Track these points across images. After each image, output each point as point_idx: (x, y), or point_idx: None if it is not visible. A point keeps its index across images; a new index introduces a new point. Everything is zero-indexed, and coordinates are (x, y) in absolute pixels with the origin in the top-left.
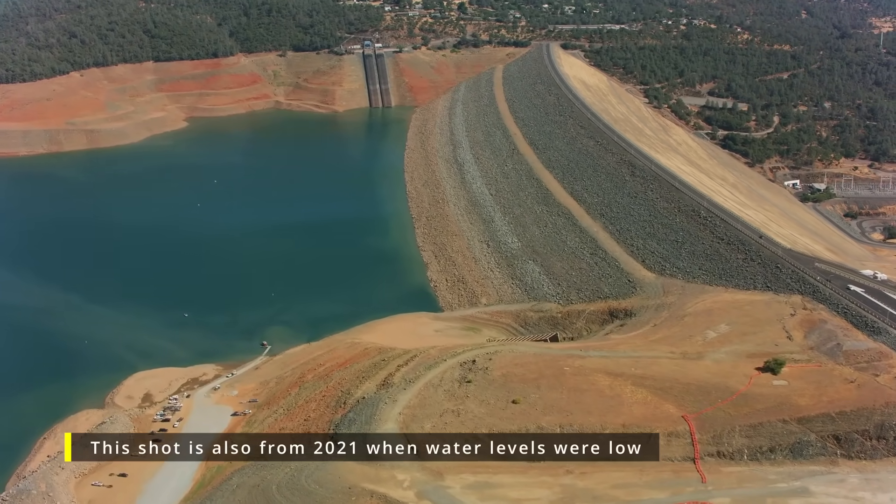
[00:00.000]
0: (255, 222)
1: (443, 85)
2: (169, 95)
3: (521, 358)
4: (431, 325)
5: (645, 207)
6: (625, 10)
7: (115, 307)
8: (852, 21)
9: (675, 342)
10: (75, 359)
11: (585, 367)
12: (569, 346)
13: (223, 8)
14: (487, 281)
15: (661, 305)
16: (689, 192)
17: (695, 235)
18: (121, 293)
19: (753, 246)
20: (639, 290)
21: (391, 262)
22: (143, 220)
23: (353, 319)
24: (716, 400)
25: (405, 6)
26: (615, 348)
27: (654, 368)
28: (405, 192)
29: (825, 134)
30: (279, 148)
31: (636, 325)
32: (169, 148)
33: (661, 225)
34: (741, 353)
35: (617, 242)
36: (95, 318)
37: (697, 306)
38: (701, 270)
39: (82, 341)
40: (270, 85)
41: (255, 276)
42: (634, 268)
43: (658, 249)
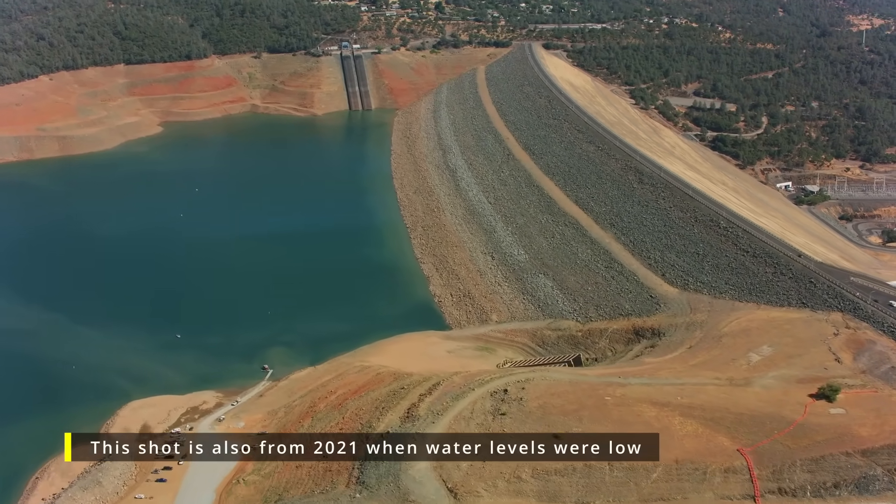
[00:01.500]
0: (242, 233)
1: (423, 87)
2: (142, 99)
3: (556, 387)
4: (443, 346)
5: (658, 217)
6: (603, 8)
7: (102, 328)
8: (830, 19)
9: (718, 367)
10: (63, 386)
11: (628, 397)
12: (605, 371)
13: (194, 8)
14: (496, 296)
15: (691, 324)
16: (704, 201)
17: (717, 247)
18: (106, 312)
19: (782, 259)
20: (663, 307)
21: (390, 276)
22: (124, 232)
23: (356, 339)
24: (771, 431)
25: (382, 6)
26: (656, 374)
27: (701, 397)
28: (396, 199)
29: (814, 134)
30: (260, 154)
31: (669, 347)
32: (145, 155)
33: (678, 236)
34: (790, 378)
35: (632, 254)
36: (81, 339)
37: (733, 325)
38: (728, 285)
39: (69, 366)
40: (246, 88)
41: (247, 292)
42: (655, 282)
43: (678, 262)
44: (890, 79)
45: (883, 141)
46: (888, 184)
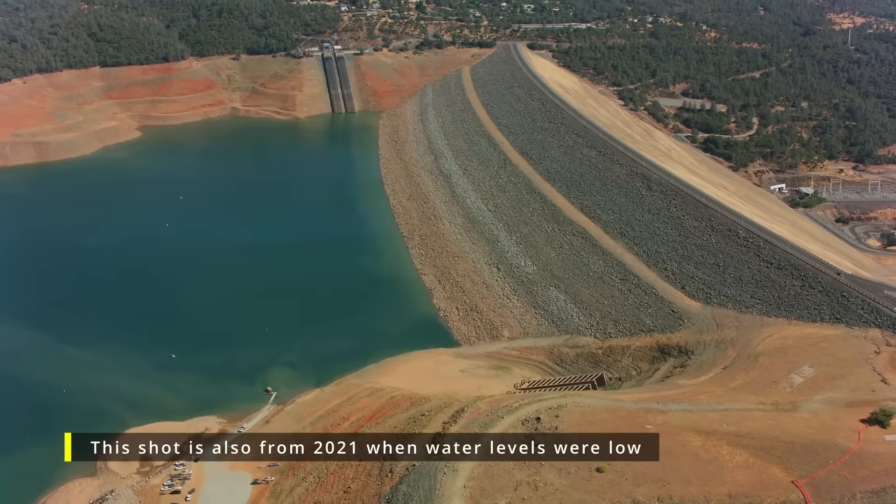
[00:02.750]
0: (232, 243)
1: (407, 88)
2: (119, 103)
3: (592, 414)
4: (455, 365)
5: (671, 226)
6: (585, 7)
7: (91, 347)
8: (811, 17)
9: (760, 390)
10: (54, 413)
11: (671, 425)
12: (641, 396)
13: (170, 9)
14: (506, 310)
15: (721, 342)
16: (719, 209)
17: (738, 259)
18: (94, 330)
19: (810, 271)
20: (687, 323)
21: (390, 288)
22: (109, 243)
23: (362, 357)
24: (826, 461)
25: (362, 6)
26: (696, 399)
27: (747, 424)
28: (389, 206)
29: (806, 135)
30: (243, 159)
31: (702, 367)
32: (125, 161)
33: (694, 246)
34: (838, 401)
35: (647, 266)
36: (70, 361)
37: (767, 343)
38: (754, 299)
39: (59, 391)
40: (225, 90)
41: (242, 306)
42: (675, 296)
43: (698, 275)
44: (877, 78)
45: (875, 141)
46: (883, 185)
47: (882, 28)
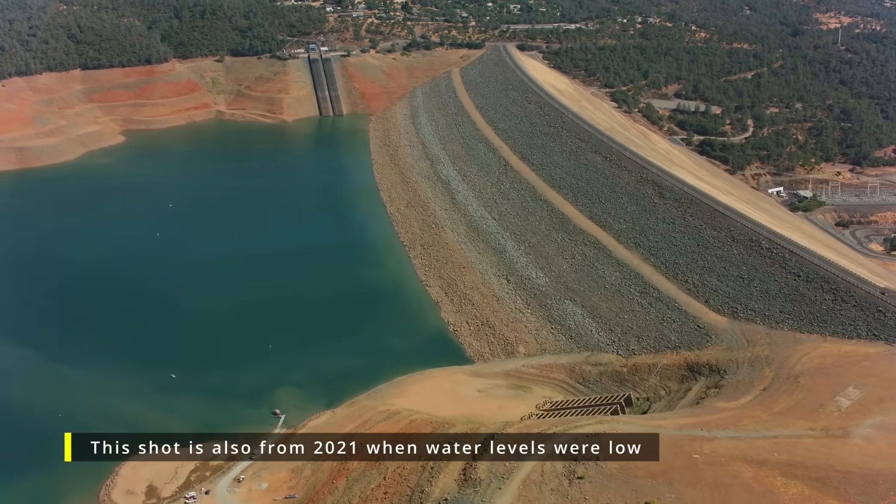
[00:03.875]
0: (226, 254)
1: (396, 91)
2: (101, 106)
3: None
4: (471, 384)
5: (688, 236)
6: (571, 7)
7: (84, 366)
8: (798, 17)
9: (807, 414)
10: (49, 439)
11: (719, 454)
12: (683, 421)
13: (151, 10)
14: (520, 325)
15: (754, 360)
16: (738, 218)
17: (763, 271)
18: (86, 347)
19: (841, 284)
20: (715, 339)
21: (395, 301)
22: (97, 254)
23: (371, 376)
24: (887, 492)
25: (348, 6)
26: (741, 425)
27: (799, 452)
28: (387, 213)
29: (801, 137)
30: (232, 164)
31: (739, 388)
32: (109, 167)
33: (715, 257)
34: (891, 426)
35: (666, 278)
36: (63, 381)
37: (805, 363)
38: (783, 314)
39: (55, 415)
40: (210, 93)
41: (241, 321)
42: (699, 310)
43: (721, 287)
44: (869, 78)
45: (871, 143)
46: (882, 188)
47: (869, 28)
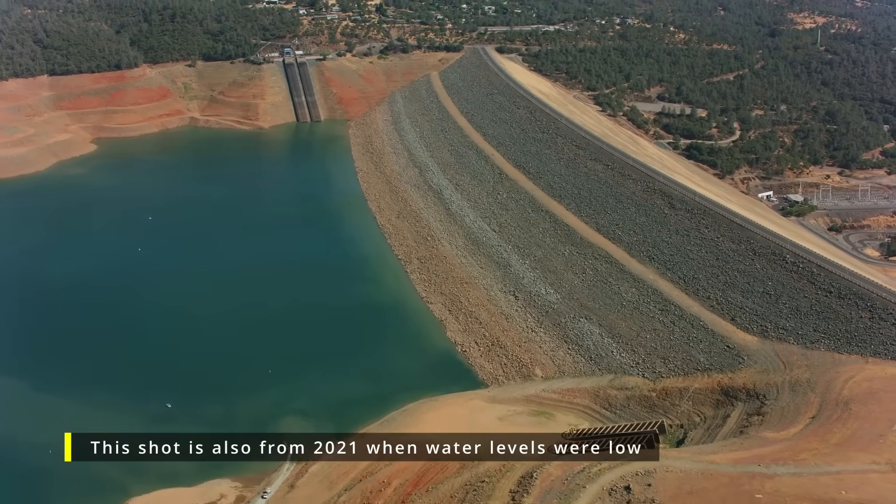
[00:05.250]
0: (214, 270)
1: (374, 95)
2: (70, 114)
3: (689, 481)
4: (490, 411)
5: (706, 249)
6: (546, 9)
7: (72, 396)
8: (773, 17)
9: (866, 445)
10: (41, 477)
11: (782, 493)
12: (737, 456)
13: (119, 14)
14: (533, 345)
15: (795, 384)
16: (758, 230)
17: (791, 287)
18: (74, 376)
19: (877, 301)
20: (747, 360)
21: (396, 319)
22: (77, 272)
23: (381, 402)
24: None
25: (321, 9)
26: (799, 459)
27: (867, 489)
28: (377, 225)
29: (788, 140)
30: (209, 173)
31: (785, 416)
32: (82, 177)
33: (737, 272)
34: None
35: (686, 294)
36: (50, 413)
37: (852, 387)
38: (818, 333)
39: (43, 450)
40: (182, 99)
41: (236, 344)
42: (726, 329)
43: (747, 304)
44: (851, 79)
45: (858, 145)
46: (872, 191)
47: (844, 28)
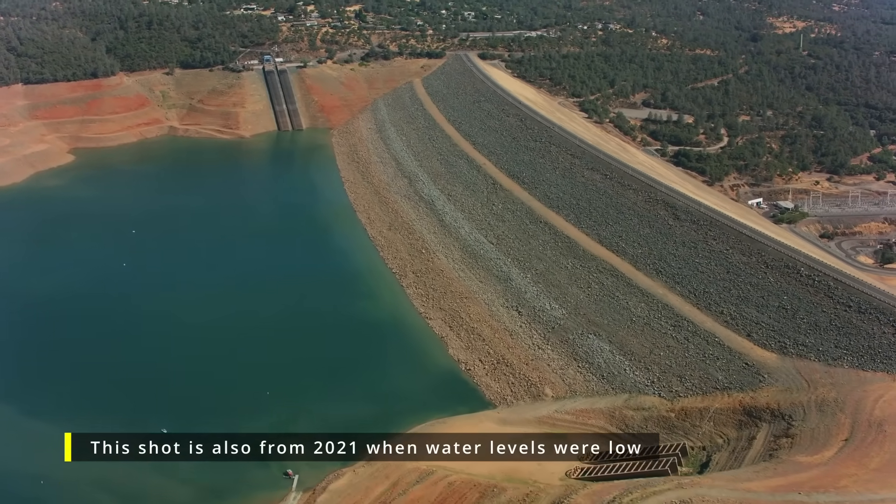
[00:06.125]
0: (202, 285)
1: (356, 103)
2: (46, 123)
3: None
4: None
5: (715, 262)
6: (527, 14)
7: (63, 422)
8: (752, 22)
9: None
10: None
11: None
12: (774, 483)
13: (94, 21)
14: (541, 363)
15: (822, 404)
16: (769, 242)
17: (807, 301)
18: (63, 400)
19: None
20: (768, 379)
21: (394, 336)
22: (61, 288)
23: (387, 424)
24: None
25: (300, 15)
26: (840, 486)
27: None
28: (368, 237)
29: (776, 146)
30: (192, 184)
31: (816, 438)
32: (61, 189)
33: (750, 286)
34: None
35: (698, 309)
36: (41, 441)
37: (884, 407)
38: (840, 349)
39: (35, 481)
40: (161, 108)
41: (231, 364)
42: (743, 345)
43: (763, 320)
44: (836, 84)
45: (846, 151)
46: (862, 197)
47: (824, 32)
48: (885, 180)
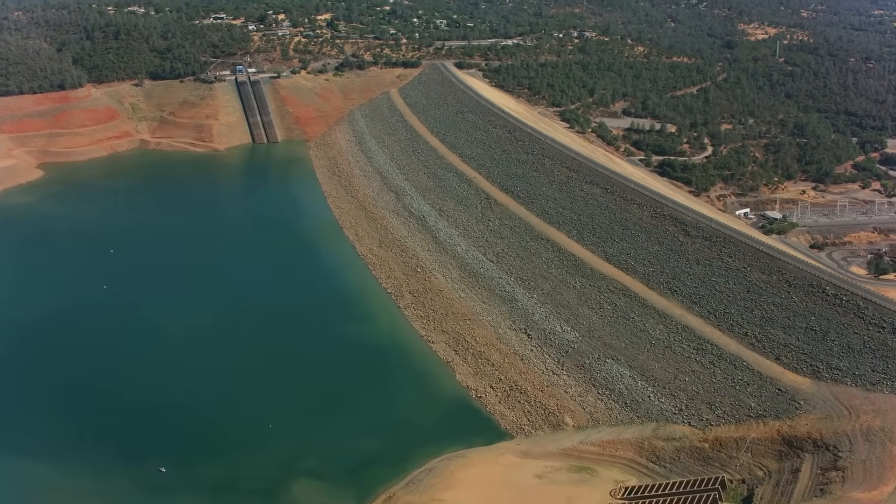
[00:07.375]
0: (191, 310)
1: (332, 114)
2: (13, 137)
3: None
4: (526, 468)
5: (733, 280)
6: (499, 22)
7: (51, 462)
8: (724, 29)
9: None
10: None
11: None
12: None
13: (60, 31)
14: (557, 389)
15: (868, 433)
16: (788, 259)
17: (837, 322)
18: (51, 439)
19: None
20: (805, 406)
21: (397, 362)
22: (40, 315)
23: (400, 459)
24: None
25: (272, 24)
26: None
27: None
28: (358, 255)
29: (759, 155)
30: (167, 199)
31: (869, 472)
32: (31, 207)
33: (773, 306)
34: None
35: (720, 331)
36: (29, 485)
37: None
38: (877, 373)
39: None
40: (131, 120)
41: (228, 394)
42: (772, 370)
43: (791, 342)
44: (814, 91)
45: (830, 159)
46: (851, 207)
47: (797, 38)
48: (870, 189)
